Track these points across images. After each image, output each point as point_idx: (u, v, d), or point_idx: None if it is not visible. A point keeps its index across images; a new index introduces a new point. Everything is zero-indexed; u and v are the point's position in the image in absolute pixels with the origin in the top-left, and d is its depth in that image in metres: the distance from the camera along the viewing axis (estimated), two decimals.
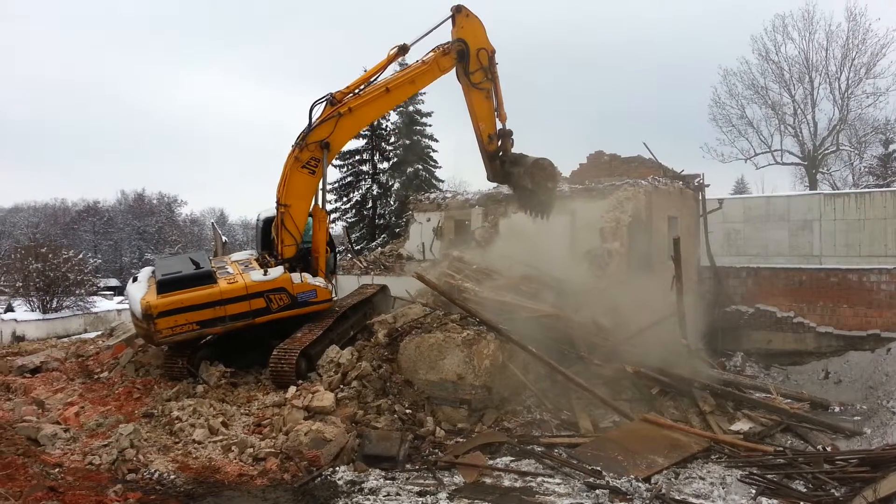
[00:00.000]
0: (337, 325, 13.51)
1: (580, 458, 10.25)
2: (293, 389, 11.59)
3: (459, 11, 13.96)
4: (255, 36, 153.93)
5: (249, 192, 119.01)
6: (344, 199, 43.28)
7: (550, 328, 13.71)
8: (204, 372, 12.59)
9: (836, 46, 36.82)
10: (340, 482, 9.32)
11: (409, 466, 10.04)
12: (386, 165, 43.26)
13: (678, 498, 8.94)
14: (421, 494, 8.91)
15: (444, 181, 43.53)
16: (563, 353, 13.43)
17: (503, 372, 12.60)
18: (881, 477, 8.98)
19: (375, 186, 42.79)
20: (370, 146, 42.82)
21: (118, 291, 56.94)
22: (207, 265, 13.10)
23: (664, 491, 9.12)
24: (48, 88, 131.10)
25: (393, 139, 43.28)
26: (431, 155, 43.20)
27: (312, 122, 13.44)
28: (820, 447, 11.53)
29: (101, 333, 18.52)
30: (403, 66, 15.25)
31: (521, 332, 12.96)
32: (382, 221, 42.35)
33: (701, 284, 20.95)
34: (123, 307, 36.65)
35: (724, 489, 9.28)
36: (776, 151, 39.69)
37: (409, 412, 11.62)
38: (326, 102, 13.59)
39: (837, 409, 14.70)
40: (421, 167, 42.48)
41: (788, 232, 24.96)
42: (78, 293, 40.56)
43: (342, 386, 11.85)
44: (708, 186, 22.52)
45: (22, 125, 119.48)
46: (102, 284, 55.35)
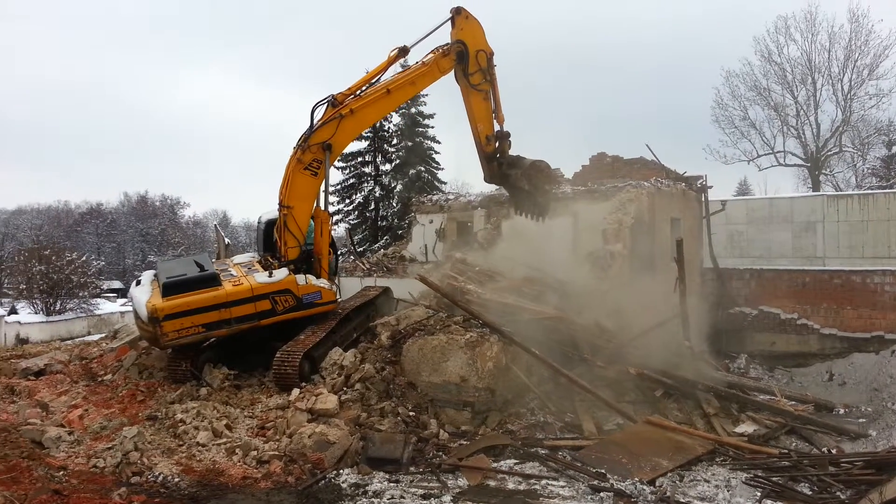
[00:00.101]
0: (340, 327, 13.52)
1: (584, 460, 10.24)
2: (296, 392, 11.61)
3: (459, 13, 14.02)
4: (255, 36, 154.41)
5: (252, 193, 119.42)
6: (346, 200, 43.34)
7: (553, 330, 13.70)
8: (207, 374, 12.59)
9: (838, 48, 36.84)
10: (344, 485, 9.32)
11: (412, 469, 10.03)
12: (388, 167, 43.30)
13: (683, 501, 8.93)
14: (425, 497, 8.90)
15: (446, 183, 43.59)
16: (566, 355, 13.41)
17: (506, 374, 12.59)
18: (887, 479, 8.96)
19: (378, 188, 42.82)
20: (372, 148, 42.87)
21: (121, 294, 57.08)
22: (211, 267, 13.12)
23: (669, 494, 9.10)
24: (48, 89, 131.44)
25: (395, 141, 43.32)
26: (434, 157, 43.26)
27: (314, 123, 13.47)
28: (825, 449, 11.50)
29: (104, 336, 18.53)
30: (405, 67, 15.24)
31: (524, 334, 12.95)
32: (385, 223, 42.38)
33: (704, 286, 20.89)
34: (127, 309, 36.69)
35: (728, 492, 9.26)
36: (779, 153, 39.67)
37: (412, 414, 11.61)
38: (328, 104, 13.62)
39: (842, 411, 14.67)
40: (423, 169, 42.49)
41: (792, 233, 24.91)
42: (81, 295, 40.61)
43: (345, 388, 11.86)
44: (711, 188, 22.50)
45: (22, 126, 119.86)
46: (106, 287, 55.41)
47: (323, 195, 13.85)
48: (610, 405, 12.47)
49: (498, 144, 14.77)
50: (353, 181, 43.24)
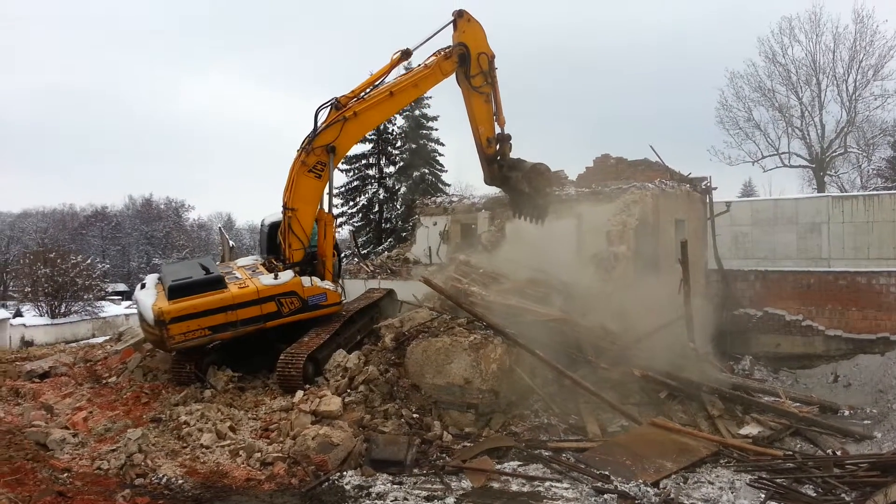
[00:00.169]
0: (344, 329, 13.53)
1: (588, 462, 10.22)
2: (300, 394, 11.61)
3: (461, 16, 14.13)
4: (256, 37, 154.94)
5: (256, 195, 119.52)
6: (350, 203, 43.37)
7: (557, 332, 13.68)
8: (211, 376, 12.61)
9: (843, 48, 36.80)
10: (348, 487, 9.33)
11: (416, 471, 10.03)
12: (392, 169, 43.33)
13: (687, 502, 8.91)
14: (428, 499, 8.91)
15: (450, 185, 43.56)
16: (570, 356, 13.40)
17: (510, 376, 12.57)
18: (892, 481, 8.94)
19: (382, 190, 42.84)
20: (376, 150, 42.90)
21: (126, 296, 57.17)
22: (216, 270, 13.16)
23: (673, 495, 9.08)
24: (49, 90, 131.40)
25: (399, 143, 43.34)
26: (437, 159, 43.24)
27: (318, 126, 13.51)
28: (829, 451, 11.46)
29: (109, 338, 18.58)
30: (409, 69, 15.29)
31: (528, 335, 12.94)
32: (389, 225, 42.40)
33: (709, 288, 20.85)
34: (131, 312, 36.76)
35: (733, 494, 9.23)
36: (783, 154, 39.64)
37: (416, 416, 11.61)
38: (331, 107, 13.66)
39: (847, 412, 14.60)
40: (427, 171, 42.48)
41: (796, 235, 24.86)
42: (86, 298, 40.76)
43: (349, 390, 11.86)
44: (715, 189, 22.44)
45: (24, 129, 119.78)
46: (110, 289, 55.54)
47: (327, 197, 13.89)
48: (614, 407, 12.44)
49: (499, 147, 14.87)
50: (356, 183, 43.27)
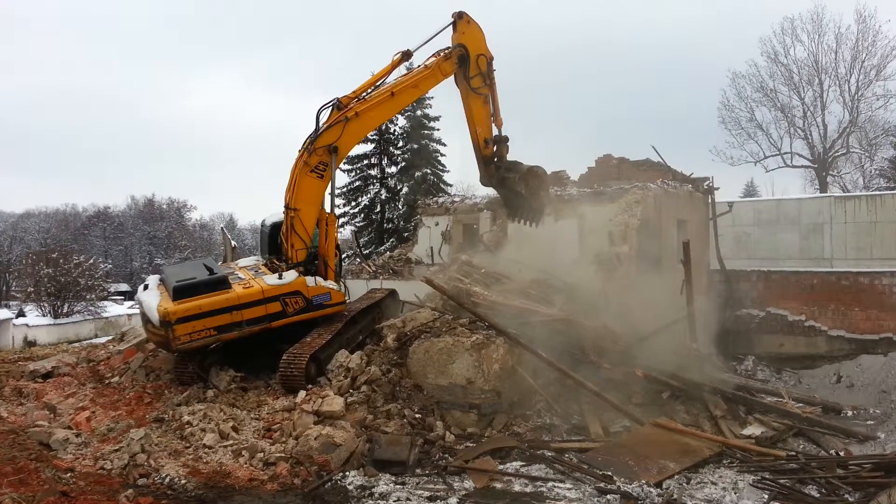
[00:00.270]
0: (346, 329, 13.52)
1: (591, 462, 10.21)
2: (303, 394, 11.60)
3: (461, 18, 14.23)
4: (258, 39, 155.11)
5: (258, 195, 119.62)
6: (352, 203, 43.37)
7: (560, 332, 13.67)
8: (214, 377, 12.61)
9: (845, 48, 36.81)
10: (350, 487, 9.33)
11: (419, 471, 10.03)
12: (394, 170, 43.32)
13: (690, 503, 8.89)
14: (431, 499, 8.90)
15: (452, 185, 43.55)
16: (572, 357, 13.38)
17: (513, 376, 12.57)
18: (895, 482, 8.91)
19: (384, 191, 42.84)
20: (378, 150, 42.90)
21: (129, 296, 57.26)
22: (220, 271, 13.17)
23: (676, 496, 9.07)
24: (49, 91, 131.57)
25: (401, 143, 43.34)
26: (439, 159, 43.23)
27: (320, 126, 13.54)
28: (833, 452, 11.45)
29: (111, 338, 18.58)
30: (410, 69, 15.34)
31: (530, 336, 12.94)
32: (391, 225, 42.38)
33: (711, 288, 20.83)
34: (134, 312, 36.82)
35: (736, 494, 9.22)
36: (786, 154, 39.63)
37: (418, 417, 11.61)
38: (333, 107, 13.70)
39: (850, 413, 14.57)
40: (429, 171, 42.47)
41: (799, 235, 24.85)
42: (89, 298, 40.86)
43: (352, 390, 11.86)
44: (717, 189, 22.43)
45: (23, 129, 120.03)
46: (113, 289, 55.70)
47: (329, 197, 13.90)
48: (617, 407, 12.43)
49: (496, 148, 14.98)
50: (358, 183, 43.28)
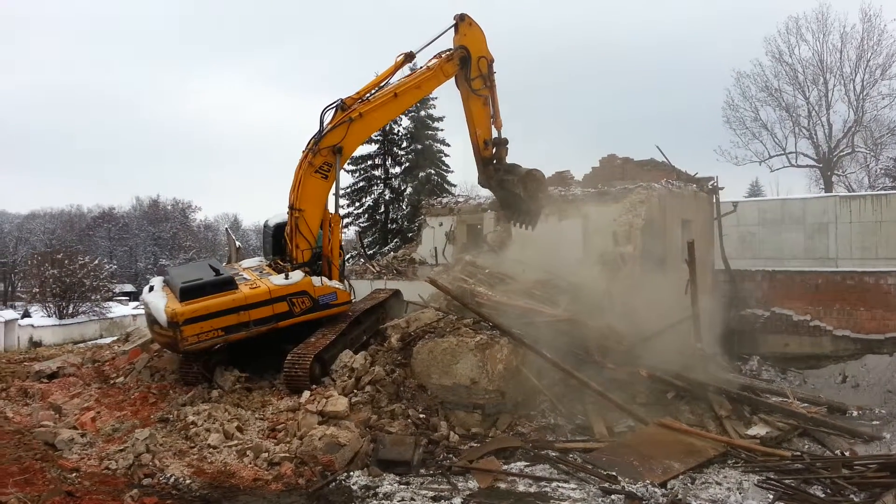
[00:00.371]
0: (350, 329, 13.55)
1: (595, 462, 10.20)
2: (307, 394, 11.64)
3: (463, 20, 14.40)
4: (259, 39, 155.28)
5: (262, 196, 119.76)
6: (356, 203, 43.38)
7: (564, 332, 13.68)
8: (219, 377, 12.64)
9: (850, 48, 36.58)
10: (355, 487, 9.34)
11: (423, 471, 10.04)
12: (398, 170, 43.30)
13: (694, 503, 8.87)
14: (435, 499, 8.90)
15: (456, 185, 43.51)
16: (577, 357, 13.38)
17: (517, 376, 12.57)
18: None
19: (388, 191, 42.84)
20: (382, 151, 42.90)
21: (133, 297, 57.39)
22: (225, 271, 13.21)
23: (680, 496, 9.06)
24: (49, 91, 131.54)
25: (405, 144, 43.34)
26: (443, 159, 43.22)
27: (324, 127, 13.58)
28: (838, 452, 11.42)
29: (116, 339, 18.65)
30: (414, 70, 15.40)
31: (534, 336, 12.94)
32: (395, 226, 42.38)
33: (716, 288, 20.79)
34: (139, 312, 36.91)
35: (741, 494, 9.21)
36: (791, 154, 39.44)
37: (422, 417, 11.62)
38: (336, 108, 13.79)
39: (855, 413, 14.54)
40: (433, 172, 42.46)
41: (804, 235, 24.77)
42: (94, 299, 40.91)
43: (356, 391, 11.88)
44: (722, 189, 22.39)
45: (24, 129, 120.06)
46: (118, 290, 55.78)
47: (333, 198, 13.97)
48: (621, 407, 12.42)
49: (495, 150, 15.11)
50: (362, 184, 43.28)
